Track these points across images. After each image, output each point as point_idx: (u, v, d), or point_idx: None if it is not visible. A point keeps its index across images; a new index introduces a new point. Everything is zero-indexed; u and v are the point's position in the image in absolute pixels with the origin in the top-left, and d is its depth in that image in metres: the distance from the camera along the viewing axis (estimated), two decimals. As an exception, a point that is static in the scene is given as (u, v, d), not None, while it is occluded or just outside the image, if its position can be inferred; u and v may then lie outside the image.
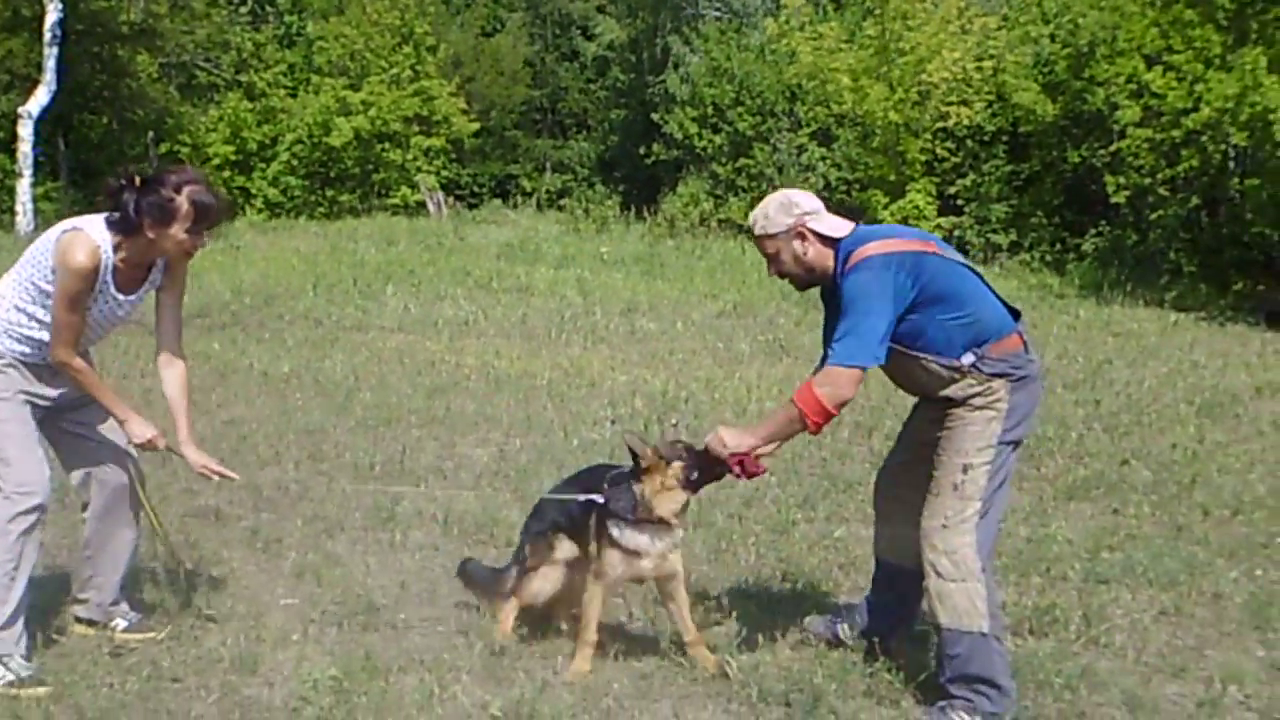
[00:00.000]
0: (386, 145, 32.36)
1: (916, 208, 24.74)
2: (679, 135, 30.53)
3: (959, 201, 24.94)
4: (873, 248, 4.48)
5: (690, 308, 15.88)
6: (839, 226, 4.62)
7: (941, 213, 24.81)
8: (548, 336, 13.41)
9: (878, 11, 25.06)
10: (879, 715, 4.52)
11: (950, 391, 4.47)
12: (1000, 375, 4.44)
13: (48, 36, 23.79)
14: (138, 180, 4.61)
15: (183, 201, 4.59)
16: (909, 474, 4.71)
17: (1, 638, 4.57)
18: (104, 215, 4.67)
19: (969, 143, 25.03)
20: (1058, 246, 23.45)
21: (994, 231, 24.19)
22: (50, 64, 23.78)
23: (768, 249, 4.69)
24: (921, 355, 4.48)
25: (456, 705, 4.46)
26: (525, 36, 42.87)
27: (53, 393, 4.76)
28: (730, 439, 4.55)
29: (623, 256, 21.49)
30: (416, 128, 33.32)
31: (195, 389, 9.77)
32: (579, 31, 44.65)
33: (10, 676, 4.54)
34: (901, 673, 4.70)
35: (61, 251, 4.53)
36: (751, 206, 23.37)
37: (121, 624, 5.06)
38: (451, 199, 33.66)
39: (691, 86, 31.66)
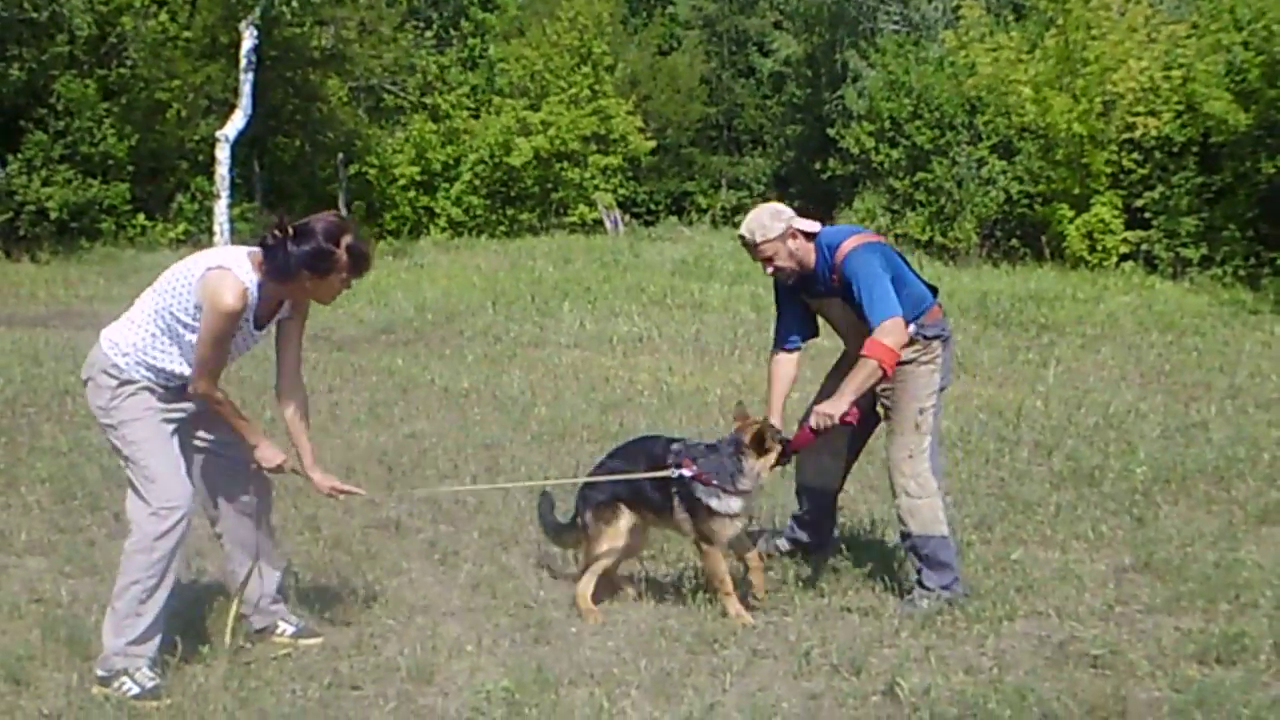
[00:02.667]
0: (565, 164, 32.85)
1: (1102, 221, 24.07)
2: (855, 150, 30.24)
3: (1146, 215, 24.14)
4: (858, 239, 5.72)
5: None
6: (813, 225, 5.79)
7: (1128, 226, 24.08)
8: (721, 353, 13.43)
9: (1060, 21, 24.49)
10: (1054, 743, 4.42)
11: (902, 354, 5.58)
12: (935, 337, 5.76)
13: (244, 63, 24.77)
14: (291, 230, 4.68)
15: (342, 254, 4.71)
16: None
17: (133, 651, 4.67)
18: (246, 250, 4.76)
19: (1157, 154, 24.19)
20: (1251, 261, 22.50)
21: (1184, 245, 23.32)
22: (246, 89, 24.75)
23: (765, 252, 5.73)
24: None
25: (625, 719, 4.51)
26: (701, 54, 43.08)
27: (188, 405, 4.84)
28: (829, 408, 5.53)
29: (798, 272, 21.33)
30: (594, 146, 33.75)
31: (379, 403, 10.19)
32: (755, 48, 44.65)
33: (135, 689, 4.63)
34: (1065, 697, 4.59)
35: (211, 292, 4.58)
36: (930, 221, 23.18)
37: (288, 629, 5.23)
38: (628, 216, 33.99)
39: (868, 100, 31.34)
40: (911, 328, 5.58)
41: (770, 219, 5.70)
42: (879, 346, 5.41)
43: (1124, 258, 24.01)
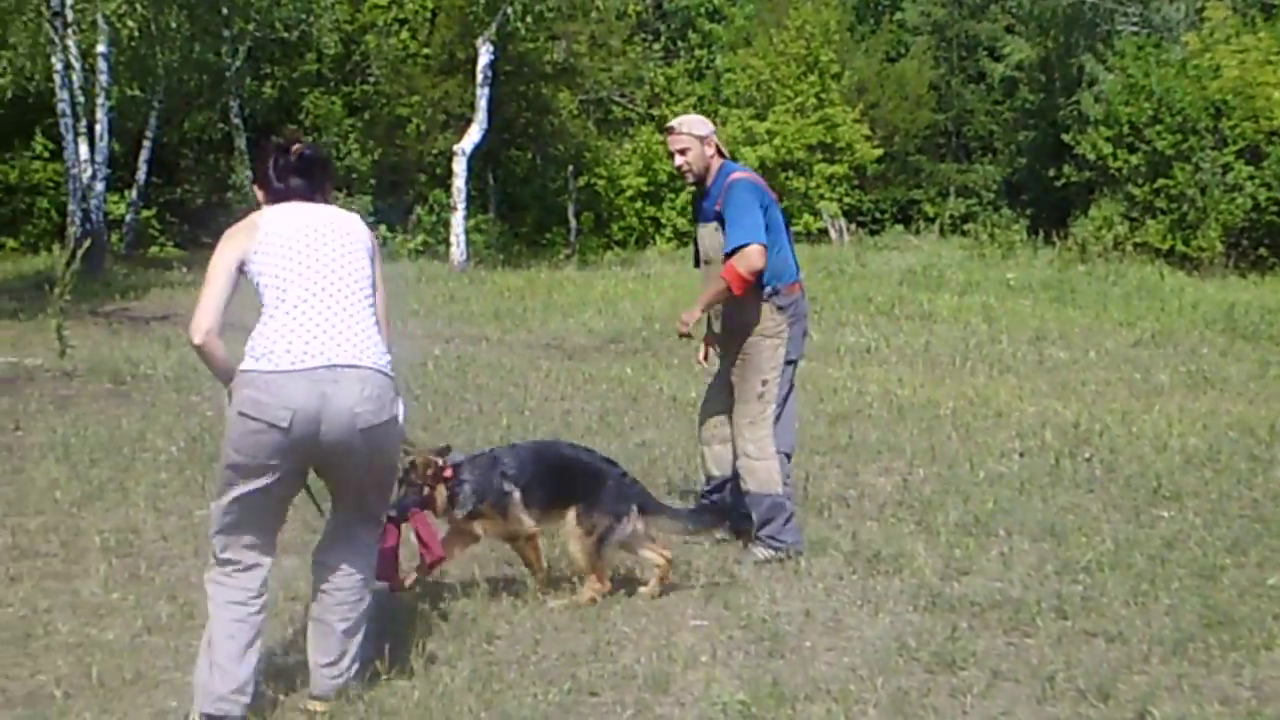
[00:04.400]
0: (790, 173, 32.78)
1: (1360, 228, 22.79)
2: (1091, 156, 29.32)
3: None
4: (748, 174, 6.53)
5: (1104, 336, 15.23)
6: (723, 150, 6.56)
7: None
8: (952, 365, 13.19)
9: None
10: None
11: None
12: (785, 309, 6.42)
13: (480, 78, 25.50)
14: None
15: None
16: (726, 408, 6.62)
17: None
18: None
19: None
20: None
21: None
22: (482, 103, 25.47)
23: (683, 144, 6.40)
24: None
25: (864, 737, 4.47)
26: (930, 60, 42.40)
27: None
28: (684, 315, 6.47)
29: (1030, 282, 20.83)
30: (820, 155, 33.58)
31: (609, 411, 10.36)
32: (986, 53, 43.71)
33: None
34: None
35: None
36: (1171, 230, 22.38)
37: None
38: (853, 225, 33.67)
39: (1106, 105, 30.37)
40: (768, 288, 6.33)
41: (699, 122, 6.56)
42: (732, 270, 6.18)
43: (1388, 267, 22.70)
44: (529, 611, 5.66)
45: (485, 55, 25.46)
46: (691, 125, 6.50)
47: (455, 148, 25.61)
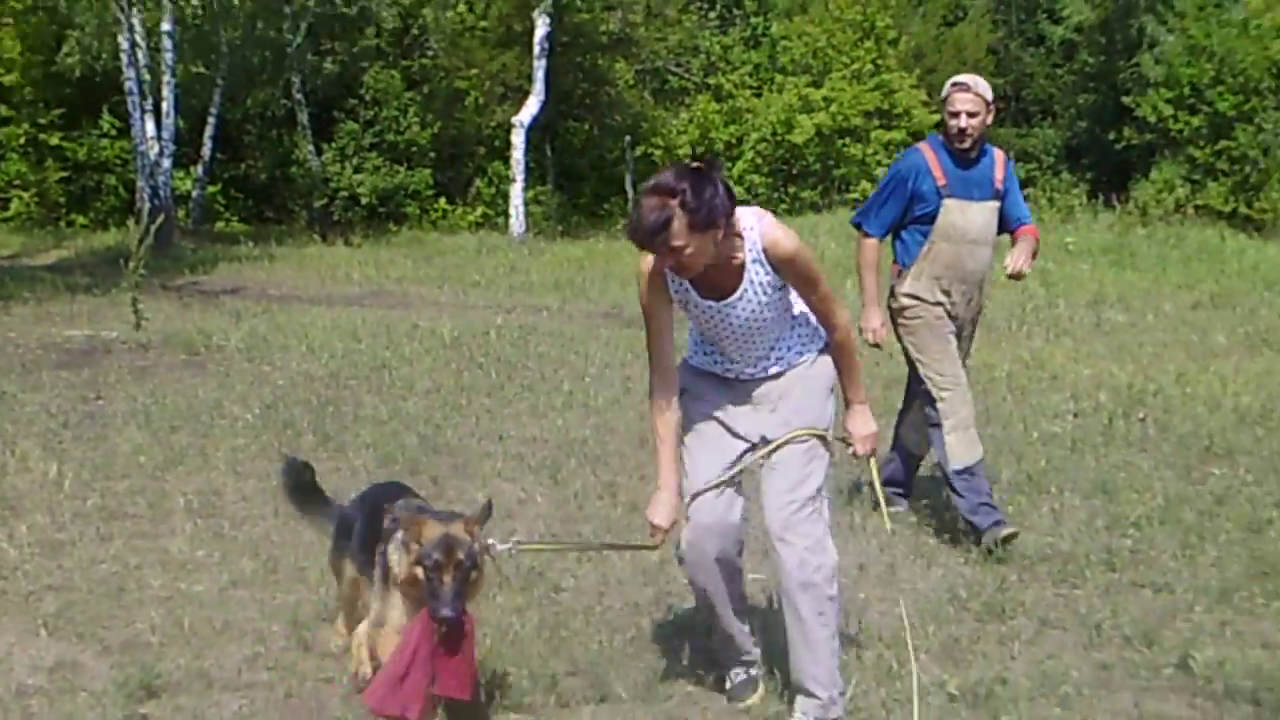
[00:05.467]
0: (847, 140, 32.69)
1: None
2: (1152, 118, 29.10)
3: None
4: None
5: (1162, 299, 15.23)
6: None
7: None
8: (1008, 329, 13.27)
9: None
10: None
11: None
12: None
13: (537, 49, 25.68)
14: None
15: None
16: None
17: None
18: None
19: None
20: None
21: None
22: (539, 75, 25.64)
23: (974, 105, 6.08)
24: None
25: (910, 681, 4.66)
26: (988, 24, 41.99)
27: None
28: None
29: (1089, 246, 20.76)
30: (877, 122, 33.45)
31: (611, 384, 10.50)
32: (1045, 15, 43.22)
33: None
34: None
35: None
36: (1234, 192, 22.04)
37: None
38: (911, 192, 33.51)
39: (1167, 67, 30.06)
40: None
41: (988, 87, 6.23)
42: (1036, 232, 6.45)
43: None
44: (593, 567, 5.90)
45: (542, 27, 25.62)
46: (983, 88, 6.14)
47: (513, 120, 25.80)
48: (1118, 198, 27.75)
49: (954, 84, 6.17)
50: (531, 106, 25.64)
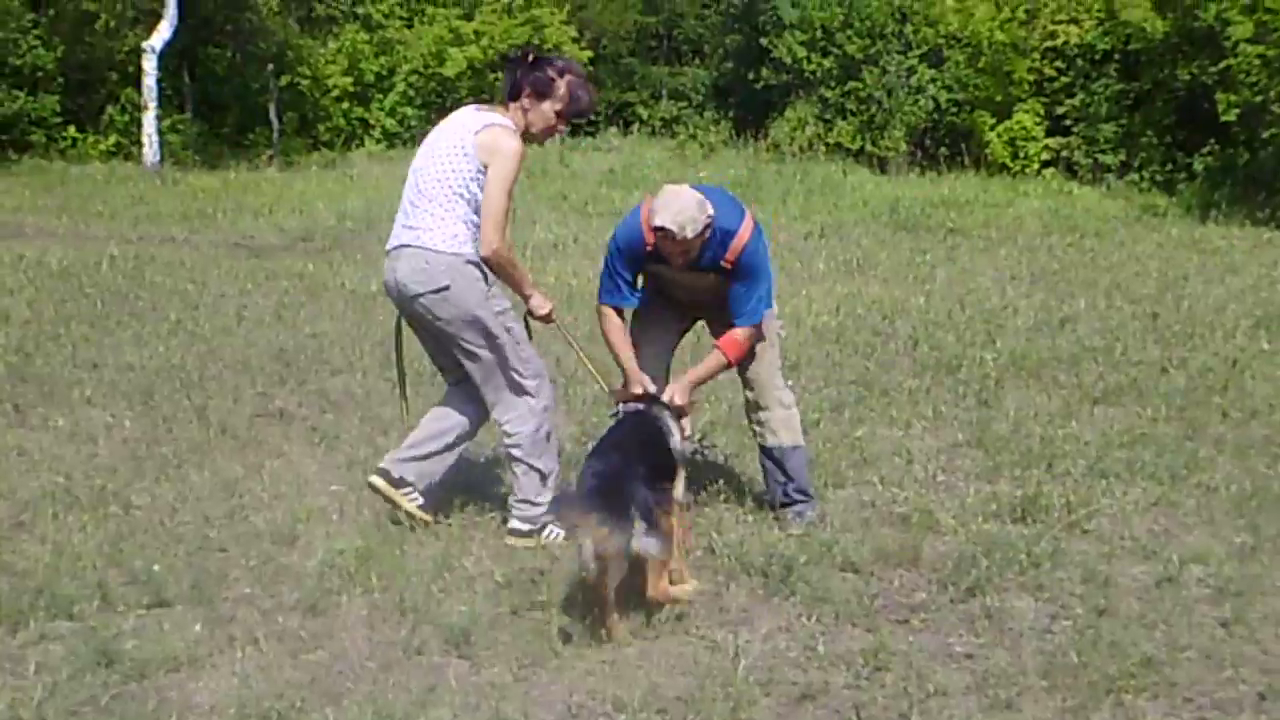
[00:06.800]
0: (499, 74, 32.80)
1: (1024, 128, 24.60)
2: (788, 59, 30.42)
3: (1067, 122, 24.66)
4: (747, 226, 5.30)
5: (779, 229, 16.07)
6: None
7: (1049, 133, 24.62)
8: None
9: (984, -71, 24.75)
10: (841, 580, 4.91)
11: None
12: None
13: (167, -30, 24.55)
14: (530, 58, 5.32)
15: (561, 84, 5.26)
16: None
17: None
18: (475, 107, 5.36)
19: (1079, 62, 24.67)
20: (1168, 166, 23.11)
21: (1102, 152, 23.94)
22: (171, -1, 24.57)
23: (692, 249, 5.24)
24: None
25: (463, 573, 4.95)
26: (639, -38, 42.84)
27: None
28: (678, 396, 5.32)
29: (721, 180, 21.68)
30: (528, 56, 33.67)
31: (286, 305, 10.52)
32: (693, -44, 44.45)
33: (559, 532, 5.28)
34: (865, 547, 5.10)
35: (501, 144, 5.14)
36: (861, 130, 23.39)
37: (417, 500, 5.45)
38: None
39: (801, 10, 31.48)
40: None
41: (698, 210, 5.11)
42: (739, 348, 5.39)
43: (1045, 164, 24.58)
44: (170, 485, 5.92)
45: (174, -52, 24.52)
46: (695, 225, 5.11)
47: (145, 45, 24.67)
48: (757, 135, 29.00)
49: (658, 230, 5.14)
50: (164, 31, 24.53)
